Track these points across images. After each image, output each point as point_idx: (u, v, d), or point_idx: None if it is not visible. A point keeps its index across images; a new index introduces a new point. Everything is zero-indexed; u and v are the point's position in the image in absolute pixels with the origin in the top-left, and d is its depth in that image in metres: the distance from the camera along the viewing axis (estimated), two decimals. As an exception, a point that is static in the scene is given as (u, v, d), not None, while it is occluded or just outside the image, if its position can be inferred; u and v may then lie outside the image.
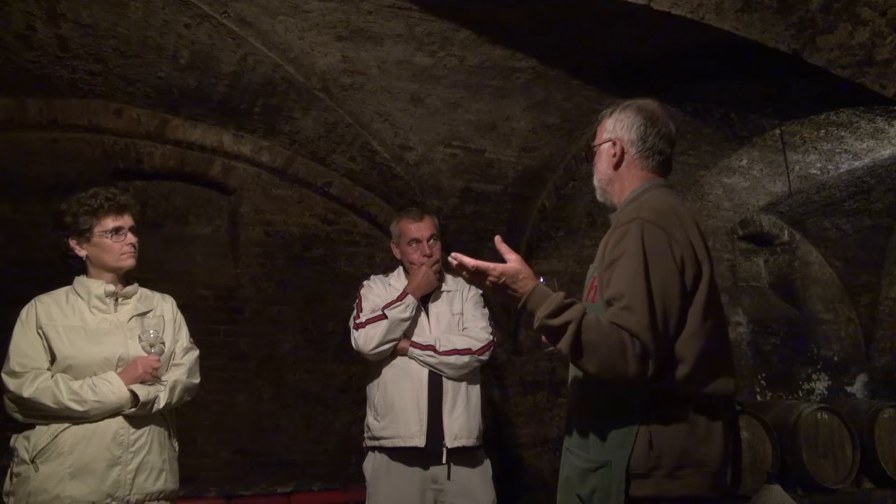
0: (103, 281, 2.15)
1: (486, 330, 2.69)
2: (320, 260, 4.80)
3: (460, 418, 2.57)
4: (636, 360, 1.45)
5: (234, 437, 4.32)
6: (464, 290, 2.79)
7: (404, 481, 2.54)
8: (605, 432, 1.55)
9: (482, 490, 2.60)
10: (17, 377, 1.97)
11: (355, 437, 4.66)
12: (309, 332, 4.65)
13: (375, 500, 2.58)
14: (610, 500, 1.49)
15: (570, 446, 1.68)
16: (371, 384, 2.69)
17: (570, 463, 1.65)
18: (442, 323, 2.68)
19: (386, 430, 2.56)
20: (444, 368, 2.59)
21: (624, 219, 1.62)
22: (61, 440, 1.95)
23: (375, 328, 2.57)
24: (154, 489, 2.05)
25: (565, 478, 1.66)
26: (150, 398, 2.05)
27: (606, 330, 1.46)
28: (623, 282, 1.52)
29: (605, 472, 1.52)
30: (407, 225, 2.72)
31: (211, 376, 3.71)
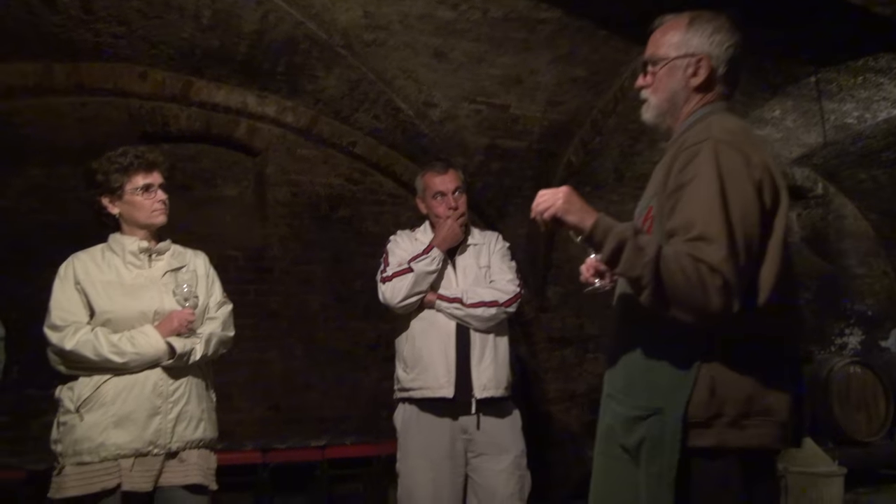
0: (137, 237, 2.18)
1: (513, 282, 2.69)
2: (346, 220, 4.82)
3: (488, 369, 2.59)
4: (719, 296, 1.29)
5: (268, 393, 4.43)
6: (490, 242, 2.79)
7: (434, 431, 2.57)
8: (656, 376, 1.41)
9: (511, 440, 2.63)
10: (58, 331, 2.02)
11: (385, 393, 4.75)
12: (337, 291, 4.71)
13: (406, 450, 2.62)
14: (663, 450, 1.37)
15: (612, 392, 1.54)
16: (400, 337, 2.72)
17: (612, 410, 1.51)
18: (469, 276, 2.68)
19: (415, 382, 2.60)
20: (471, 321, 2.60)
21: (692, 140, 1.43)
22: (104, 390, 2.01)
23: (402, 281, 2.59)
24: (193, 437, 2.11)
25: (606, 426, 1.53)
26: (187, 350, 2.10)
27: (684, 263, 1.31)
28: (695, 209, 1.35)
29: (657, 421, 1.38)
30: (431, 178, 2.72)
31: (244, 335, 3.78)
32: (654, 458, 1.39)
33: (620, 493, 1.48)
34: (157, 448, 2.04)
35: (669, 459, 1.35)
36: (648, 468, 1.40)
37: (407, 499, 2.58)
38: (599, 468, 1.56)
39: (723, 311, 1.31)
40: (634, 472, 1.44)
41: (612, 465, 1.51)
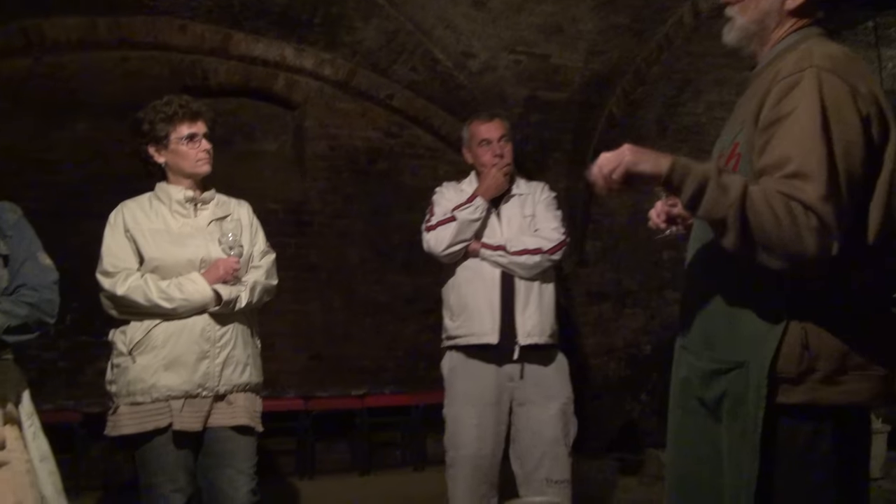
0: (182, 187, 2.23)
1: (559, 230, 2.67)
2: (384, 173, 4.83)
3: (533, 317, 2.60)
4: (814, 239, 1.17)
5: (309, 343, 4.53)
6: (536, 192, 2.77)
7: (480, 378, 2.61)
8: (739, 328, 1.30)
9: (558, 386, 2.66)
10: (110, 277, 2.09)
11: (423, 345, 4.83)
12: (376, 244, 4.75)
13: (453, 397, 2.67)
14: (746, 406, 1.27)
15: (687, 345, 1.44)
16: (446, 287, 2.75)
17: (688, 363, 1.42)
18: (513, 225, 2.68)
19: (460, 329, 2.63)
20: (515, 268, 2.61)
21: (790, 69, 1.28)
22: (154, 334, 2.09)
23: (445, 230, 2.61)
24: (240, 381, 2.18)
25: (682, 379, 1.44)
26: (233, 297, 2.15)
27: (775, 202, 1.18)
28: (791, 143, 1.21)
29: (740, 375, 1.28)
30: (477, 126, 2.71)
31: (285, 287, 3.85)
32: (736, 415, 1.29)
33: (698, 448, 1.40)
34: (205, 390, 2.11)
35: (754, 417, 1.25)
36: (731, 425, 1.31)
37: (453, 444, 2.65)
38: (675, 423, 1.48)
39: (818, 256, 1.18)
40: (713, 427, 1.36)
41: (688, 420, 1.43)
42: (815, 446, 1.27)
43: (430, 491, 3.34)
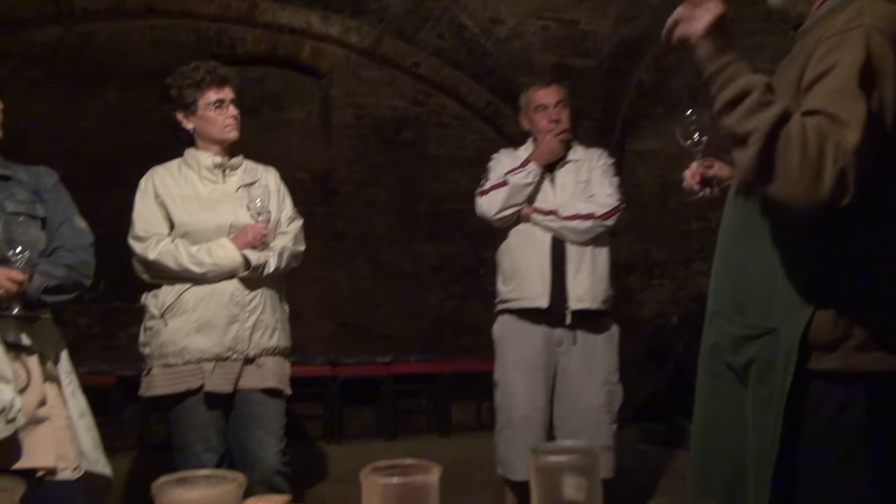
0: (211, 153, 2.24)
1: (613, 196, 2.64)
2: (411, 142, 4.82)
3: (585, 282, 2.58)
4: (833, 182, 1.12)
5: (336, 311, 4.58)
6: (593, 158, 2.74)
7: (529, 341, 2.61)
8: (774, 294, 1.28)
9: (605, 355, 2.65)
10: (141, 241, 2.13)
11: (449, 315, 4.87)
12: (402, 213, 4.76)
13: (503, 360, 2.68)
14: (774, 373, 1.25)
15: (719, 309, 1.41)
16: (499, 251, 2.76)
17: (718, 328, 1.40)
18: (567, 191, 2.66)
19: (512, 293, 2.64)
20: (566, 233, 2.59)
21: (839, 27, 1.23)
22: (185, 298, 2.12)
23: (497, 194, 2.61)
24: (269, 345, 2.22)
25: (711, 344, 1.42)
26: (261, 262, 2.17)
27: (809, 135, 1.13)
28: (834, 92, 1.17)
29: (771, 341, 1.26)
30: (534, 92, 2.70)
31: (312, 255, 3.88)
32: (763, 381, 1.27)
33: (725, 413, 1.39)
34: (235, 353, 2.15)
35: (782, 383, 1.23)
36: (757, 391, 1.29)
37: (505, 406, 2.66)
38: (703, 387, 1.47)
39: (830, 201, 1.13)
40: (741, 392, 1.34)
41: (716, 385, 1.41)
42: (844, 413, 1.25)
43: (456, 457, 3.39)
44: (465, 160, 4.66)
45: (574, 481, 0.44)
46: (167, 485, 0.36)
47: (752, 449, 1.30)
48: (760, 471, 1.27)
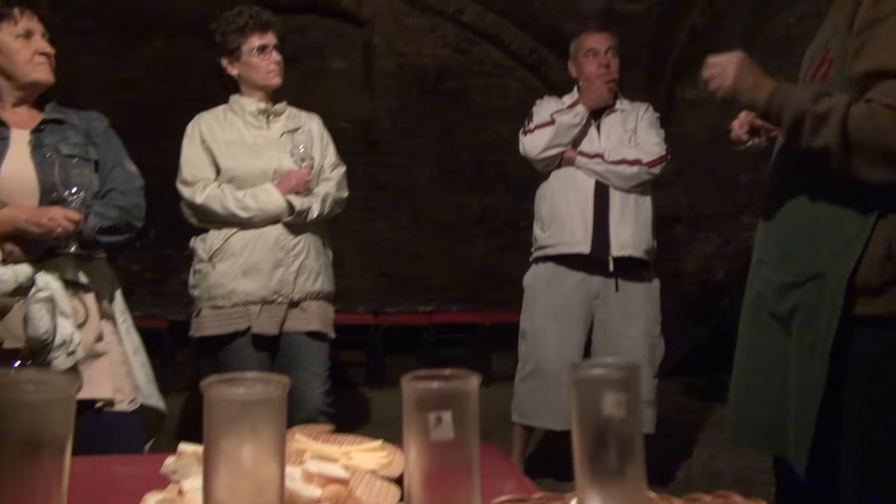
0: (255, 99, 2.26)
1: (660, 145, 2.60)
2: (453, 91, 4.76)
3: (628, 229, 2.54)
4: None
5: (378, 261, 4.64)
6: (640, 110, 2.69)
7: (566, 292, 2.58)
8: (820, 239, 1.28)
9: (646, 306, 2.62)
10: (189, 186, 2.18)
11: (490, 266, 4.88)
12: (444, 164, 4.74)
13: (534, 309, 2.65)
14: (819, 318, 1.25)
15: (764, 258, 1.42)
16: (538, 197, 2.73)
17: (763, 277, 1.41)
18: (613, 137, 2.62)
19: (552, 239, 2.61)
20: (612, 177, 2.55)
21: None
22: (232, 242, 2.18)
23: (543, 133, 2.57)
24: (313, 289, 2.26)
25: (755, 294, 1.43)
26: (305, 208, 2.20)
27: (880, 120, 1.16)
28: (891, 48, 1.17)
29: (816, 287, 1.27)
30: (586, 37, 2.65)
31: (354, 206, 3.90)
32: (808, 327, 1.29)
33: (767, 363, 1.40)
34: (280, 297, 2.20)
35: (827, 328, 1.24)
36: (801, 337, 1.30)
37: (533, 357, 2.65)
38: (745, 336, 1.49)
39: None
40: (783, 340, 1.36)
41: (759, 335, 1.43)
42: (890, 358, 1.26)
43: (496, 406, 3.42)
44: (508, 110, 4.59)
45: (614, 397, 0.44)
46: (216, 383, 0.37)
47: (795, 395, 1.32)
48: (803, 416, 1.28)
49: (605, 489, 0.46)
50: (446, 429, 0.38)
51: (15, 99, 1.74)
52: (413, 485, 0.39)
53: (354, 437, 0.99)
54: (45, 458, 0.37)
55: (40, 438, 0.36)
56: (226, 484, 0.37)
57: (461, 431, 0.38)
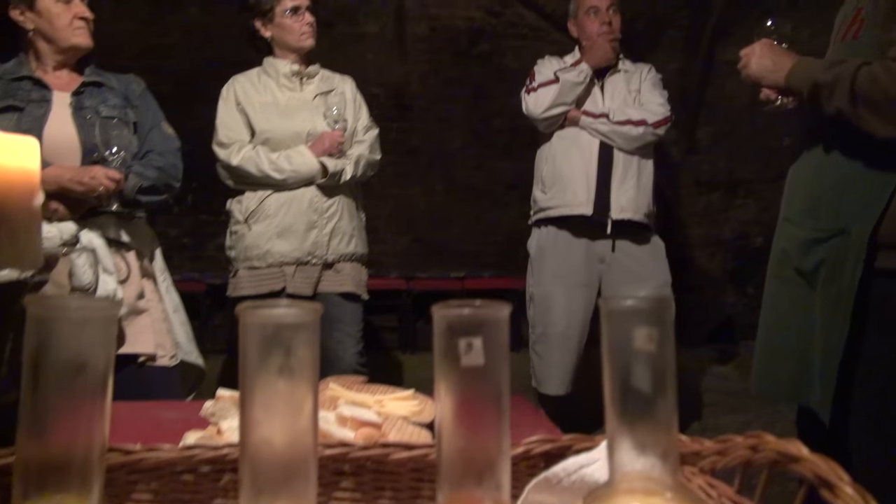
0: (288, 61, 2.27)
1: (664, 106, 2.56)
2: (486, 55, 4.70)
3: (629, 192, 2.53)
4: None
5: (411, 227, 4.65)
6: (642, 71, 2.65)
7: (570, 254, 2.59)
8: (845, 196, 1.33)
9: (652, 268, 2.60)
10: (225, 148, 2.21)
11: (523, 232, 4.84)
12: (476, 129, 4.70)
13: (540, 274, 2.66)
14: (843, 272, 1.31)
15: (789, 216, 1.47)
16: (539, 158, 2.71)
17: (788, 234, 1.46)
18: (617, 98, 2.58)
19: (553, 200, 2.59)
20: (617, 138, 2.52)
21: None
22: (267, 204, 2.21)
23: (547, 91, 2.54)
24: (347, 251, 2.29)
25: (780, 250, 1.49)
26: (338, 170, 2.22)
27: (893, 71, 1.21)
28: None
29: (841, 242, 1.32)
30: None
31: (387, 171, 3.89)
32: (832, 281, 1.34)
33: (792, 317, 1.45)
34: (314, 258, 2.23)
35: (850, 281, 1.29)
36: (825, 291, 1.36)
37: (542, 321, 2.66)
38: (770, 293, 1.54)
39: None
40: (809, 296, 1.40)
41: (784, 290, 1.48)
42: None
43: (526, 370, 3.46)
44: (541, 74, 4.52)
45: (645, 330, 0.44)
46: (251, 307, 0.38)
47: (820, 347, 1.38)
48: (827, 368, 1.34)
49: (635, 427, 0.47)
50: (476, 355, 0.38)
51: (55, 62, 1.78)
52: (443, 413, 0.40)
53: (387, 387, 1.01)
54: (89, 378, 0.39)
55: (83, 358, 0.38)
56: (262, 408, 0.38)
57: (491, 358, 0.39)
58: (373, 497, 0.59)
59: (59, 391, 0.38)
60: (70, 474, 0.39)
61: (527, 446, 0.60)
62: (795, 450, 0.47)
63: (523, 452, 0.59)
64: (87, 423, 0.40)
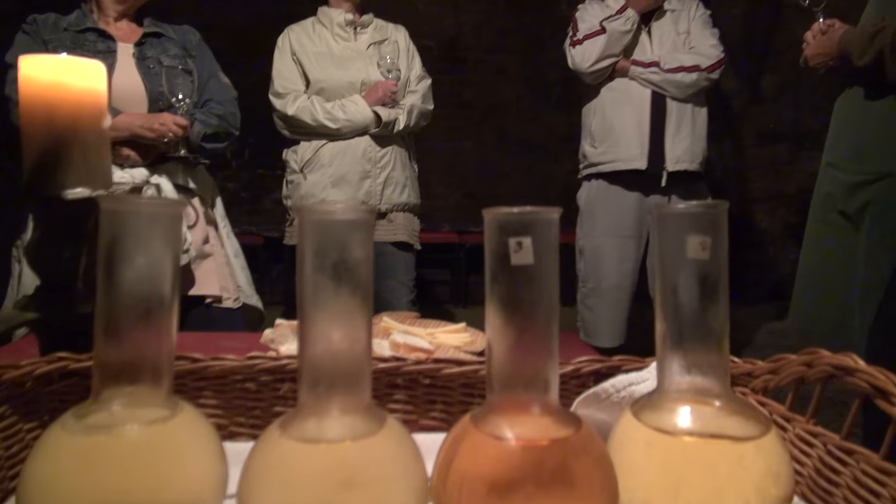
0: (342, 10, 2.27)
1: (717, 48, 2.44)
2: (540, 4, 4.58)
3: (684, 141, 2.45)
4: None
5: (463, 181, 4.64)
6: (690, 8, 2.52)
7: (622, 208, 2.54)
8: (891, 140, 1.39)
9: None
10: (281, 97, 2.24)
11: (577, 186, 4.78)
12: (530, 81, 4.62)
13: (591, 228, 2.62)
14: (890, 212, 1.37)
15: (834, 160, 1.54)
16: (587, 111, 2.64)
17: (832, 178, 1.52)
18: (665, 43, 2.48)
19: (605, 155, 2.54)
20: (669, 87, 2.43)
21: None
22: (322, 154, 2.24)
23: (593, 43, 2.45)
24: (399, 201, 2.31)
25: (824, 194, 1.54)
26: (391, 119, 2.23)
27: None
28: None
29: (887, 184, 1.38)
30: None
31: (439, 125, 3.86)
32: (878, 221, 1.39)
33: (834, 258, 1.49)
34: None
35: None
36: (870, 230, 1.40)
37: (593, 275, 2.64)
38: (813, 236, 1.58)
39: None
40: (851, 235, 1.45)
41: (827, 232, 1.52)
42: None
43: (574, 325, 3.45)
44: (598, 22, 4.38)
45: (698, 238, 0.43)
46: (307, 205, 0.39)
47: (861, 287, 1.41)
48: (868, 307, 1.38)
49: (685, 340, 0.46)
50: (526, 254, 0.39)
51: (116, 13, 1.82)
52: (493, 313, 0.41)
53: (439, 321, 1.03)
54: (157, 272, 0.41)
55: (152, 253, 0.40)
56: (317, 306, 0.40)
57: (541, 258, 0.39)
58: (425, 410, 0.61)
59: (130, 284, 0.41)
60: (143, 368, 0.42)
61: (576, 365, 0.60)
62: (851, 362, 0.46)
63: (573, 371, 0.60)
64: (157, 315, 0.42)
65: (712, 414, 0.44)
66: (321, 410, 0.41)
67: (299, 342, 0.42)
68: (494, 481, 0.40)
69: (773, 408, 0.55)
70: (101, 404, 0.41)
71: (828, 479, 0.48)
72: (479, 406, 0.44)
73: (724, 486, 0.41)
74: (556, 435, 0.41)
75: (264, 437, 0.41)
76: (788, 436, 0.52)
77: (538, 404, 0.42)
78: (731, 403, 0.45)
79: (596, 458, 0.41)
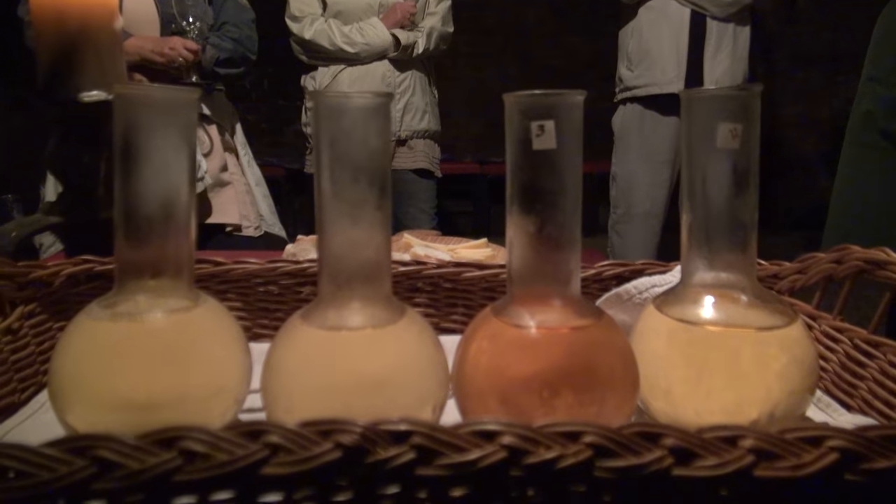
0: (358, -72, 2.19)
1: None
2: (566, -79, 4.38)
3: (724, 62, 2.36)
4: None
5: (485, 110, 4.56)
6: None
7: (657, 133, 2.48)
8: None
9: None
10: (297, 21, 2.19)
11: (601, 113, 4.66)
12: (553, 3, 4.46)
13: (625, 152, 2.57)
14: None
15: (876, 75, 1.41)
16: (623, 33, 2.54)
17: (873, 94, 1.40)
18: None
19: (640, 79, 2.46)
20: (709, 6, 2.33)
21: None
22: (340, 79, 2.20)
23: None
24: (419, 127, 2.28)
25: (864, 112, 1.41)
26: (410, 42, 2.17)
27: None
28: None
29: None
30: None
31: (460, 52, 3.79)
32: None
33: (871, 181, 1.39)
34: (389, 134, 2.23)
35: None
36: None
37: (624, 201, 2.60)
38: (849, 159, 1.46)
39: None
40: (892, 159, 1.33)
41: (864, 154, 1.40)
42: None
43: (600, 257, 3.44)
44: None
45: (729, 126, 0.42)
46: (323, 92, 0.38)
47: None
48: None
49: (712, 234, 0.45)
50: (549, 138, 0.38)
51: (128, -68, 1.77)
52: (514, 204, 0.40)
53: (460, 238, 1.03)
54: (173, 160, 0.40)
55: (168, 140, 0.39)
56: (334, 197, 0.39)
57: (564, 142, 0.38)
58: (446, 313, 0.61)
59: (146, 174, 0.40)
60: (164, 260, 0.42)
61: (599, 268, 0.60)
62: (884, 255, 0.45)
63: (595, 274, 0.60)
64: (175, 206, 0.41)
65: (737, 306, 0.44)
66: (342, 301, 0.41)
67: (318, 233, 0.42)
68: (514, 368, 0.40)
69: (799, 307, 0.54)
70: (126, 295, 0.41)
71: (853, 373, 0.47)
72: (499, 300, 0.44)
73: (746, 375, 0.41)
74: (577, 324, 0.41)
75: (286, 327, 0.42)
76: (814, 333, 0.52)
77: (559, 296, 0.42)
78: (757, 296, 0.44)
79: (617, 347, 0.41)
